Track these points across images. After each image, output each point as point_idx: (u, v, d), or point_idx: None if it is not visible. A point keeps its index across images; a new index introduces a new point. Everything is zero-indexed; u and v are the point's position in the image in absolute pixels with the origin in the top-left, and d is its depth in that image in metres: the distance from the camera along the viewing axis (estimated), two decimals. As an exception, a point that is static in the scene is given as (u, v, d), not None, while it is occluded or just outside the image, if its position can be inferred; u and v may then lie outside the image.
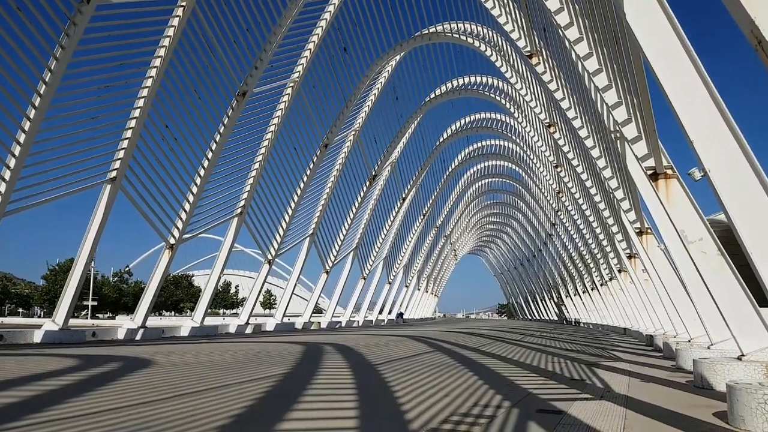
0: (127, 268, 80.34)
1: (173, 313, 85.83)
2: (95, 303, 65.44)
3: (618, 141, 14.23)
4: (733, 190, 6.48)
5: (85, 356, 13.32)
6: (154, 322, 43.35)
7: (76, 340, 19.32)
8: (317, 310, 65.49)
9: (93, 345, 18.15)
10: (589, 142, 18.55)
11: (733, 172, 6.45)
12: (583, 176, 25.02)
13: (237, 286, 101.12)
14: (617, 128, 13.10)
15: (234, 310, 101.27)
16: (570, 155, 25.49)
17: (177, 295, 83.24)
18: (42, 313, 75.27)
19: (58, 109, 17.62)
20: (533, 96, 26.37)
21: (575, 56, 13.34)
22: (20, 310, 79.28)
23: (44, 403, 6.98)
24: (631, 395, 8.27)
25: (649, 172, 10.60)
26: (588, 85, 14.88)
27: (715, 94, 6.67)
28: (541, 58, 19.02)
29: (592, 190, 24.68)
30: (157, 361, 12.33)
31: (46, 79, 16.49)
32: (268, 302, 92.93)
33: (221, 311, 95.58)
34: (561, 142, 25.92)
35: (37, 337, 18.80)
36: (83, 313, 68.63)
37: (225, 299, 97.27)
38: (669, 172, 10.38)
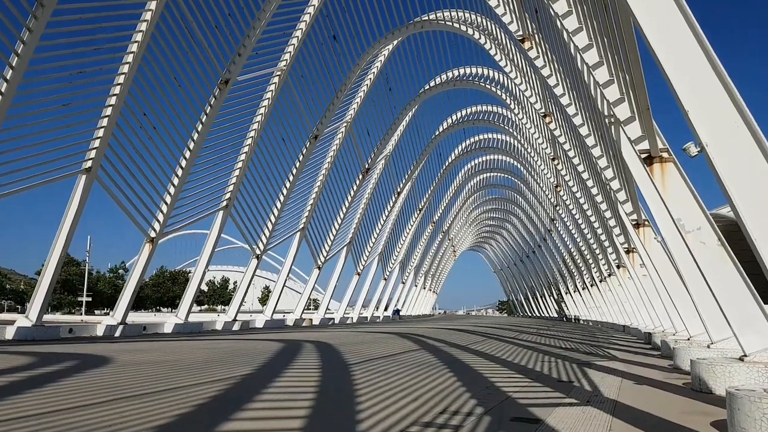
0: (122, 264, 79.58)
1: (170, 309, 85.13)
2: (89, 299, 64.71)
3: (612, 126, 13.36)
4: (734, 166, 5.62)
5: (43, 354, 12.53)
6: (144, 318, 42.70)
7: (50, 336, 18.51)
8: (316, 306, 64.73)
9: (65, 342, 17.36)
10: (584, 130, 17.71)
11: (734, 146, 5.58)
12: (580, 168, 24.19)
13: (235, 282, 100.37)
14: (611, 112, 12.24)
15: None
16: (566, 146, 24.65)
17: (174, 291, 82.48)
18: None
19: (27, 95, 16.77)
20: (528, 85, 25.51)
21: (566, 34, 12.47)
22: (18, 306, 78.64)
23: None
24: (621, 400, 7.48)
25: (643, 156, 9.74)
26: (581, 67, 14.01)
27: (712, 57, 5.80)
28: (533, 41, 18.15)
29: (589, 183, 23.85)
30: (115, 359, 11.53)
31: (13, 64, 15.66)
32: (267, 298, 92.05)
33: (219, 308, 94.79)
34: (557, 132, 25.10)
35: (9, 333, 18.00)
36: (79, 309, 67.97)
37: (222, 296, 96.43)
38: (665, 155, 9.52)
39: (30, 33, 15.59)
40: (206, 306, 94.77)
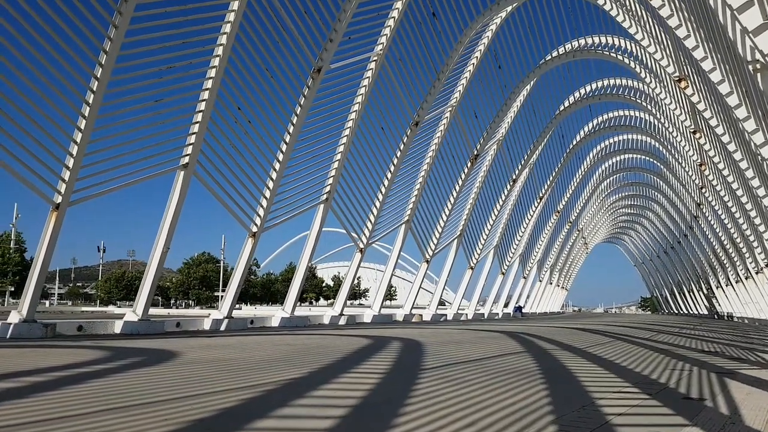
0: (254, 260, 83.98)
1: (300, 303, 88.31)
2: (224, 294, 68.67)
3: (759, 74, 10.51)
4: None
5: (119, 348, 12.40)
6: (263, 312, 44.04)
7: (154, 330, 18.92)
8: (440, 302, 63.43)
9: (165, 336, 17.54)
10: (724, 88, 14.57)
11: None
12: (725, 138, 20.48)
13: (359, 277, 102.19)
14: (755, 56, 9.51)
15: (358, 301, 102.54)
16: (707, 114, 21.03)
17: (303, 286, 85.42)
18: (184, 304, 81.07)
19: (119, 93, 17.05)
20: (658, 46, 22.09)
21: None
22: (163, 300, 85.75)
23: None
24: (770, 433, 5.24)
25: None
26: (714, 5, 11.19)
27: None
28: (656, -13, 15.27)
29: (737, 155, 20.10)
30: (180, 356, 10.97)
31: (102, 61, 15.92)
32: (388, 293, 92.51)
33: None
34: (695, 98, 21.51)
35: (117, 327, 18.65)
36: (217, 304, 72.51)
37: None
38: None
39: (116, 29, 15.73)
40: (331, 300, 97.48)
